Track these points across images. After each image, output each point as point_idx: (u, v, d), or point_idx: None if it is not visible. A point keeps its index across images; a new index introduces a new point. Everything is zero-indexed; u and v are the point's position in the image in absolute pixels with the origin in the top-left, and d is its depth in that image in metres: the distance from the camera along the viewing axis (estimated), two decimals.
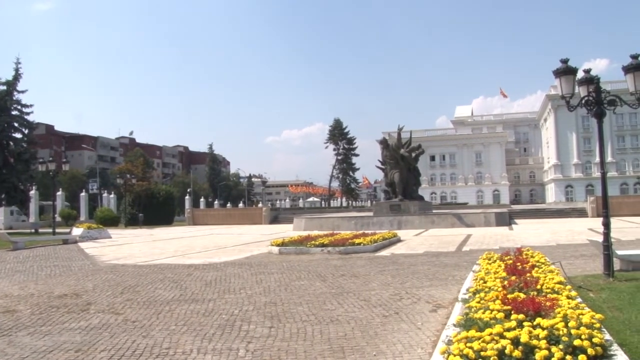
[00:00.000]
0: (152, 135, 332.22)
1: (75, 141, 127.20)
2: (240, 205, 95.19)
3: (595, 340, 4.50)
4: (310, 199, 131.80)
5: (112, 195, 69.83)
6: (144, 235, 36.53)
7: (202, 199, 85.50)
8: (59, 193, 61.89)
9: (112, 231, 36.99)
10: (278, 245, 20.04)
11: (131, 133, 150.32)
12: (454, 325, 5.82)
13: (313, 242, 20.14)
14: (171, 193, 64.05)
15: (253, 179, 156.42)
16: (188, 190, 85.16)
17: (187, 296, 10.70)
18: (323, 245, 19.56)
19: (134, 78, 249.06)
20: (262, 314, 8.75)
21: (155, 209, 57.09)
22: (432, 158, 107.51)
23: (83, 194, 65.75)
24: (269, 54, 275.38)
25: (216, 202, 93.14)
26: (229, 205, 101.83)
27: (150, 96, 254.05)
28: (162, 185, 76.46)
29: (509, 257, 10.19)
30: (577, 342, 4.44)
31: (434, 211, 42.48)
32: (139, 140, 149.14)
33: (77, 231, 31.78)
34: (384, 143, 41.69)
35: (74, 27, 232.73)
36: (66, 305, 9.94)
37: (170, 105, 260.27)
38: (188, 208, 64.64)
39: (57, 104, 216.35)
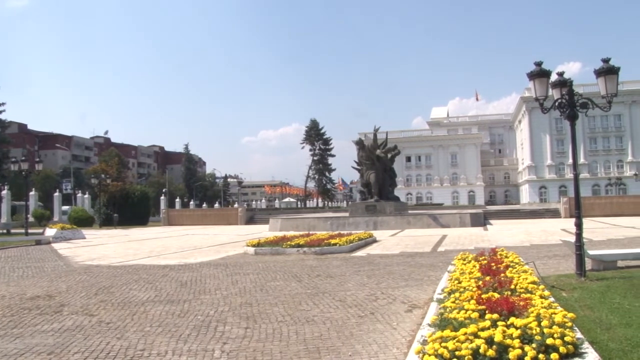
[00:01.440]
0: (128, 135, 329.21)
1: (49, 140, 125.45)
2: (216, 205, 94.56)
3: (567, 338, 4.58)
4: (286, 200, 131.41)
5: (86, 196, 68.97)
6: (119, 235, 36.19)
7: (177, 199, 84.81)
8: (32, 193, 60.98)
9: (86, 232, 36.57)
10: (254, 245, 19.98)
11: (106, 133, 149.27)
12: (429, 325, 5.85)
13: (289, 242, 20.11)
14: (146, 193, 63.51)
15: (229, 179, 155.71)
16: (163, 190, 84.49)
17: (162, 297, 10.63)
18: (299, 245, 19.54)
19: (109, 77, 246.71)
20: (238, 315, 8.73)
21: (130, 209, 56.61)
22: (408, 159, 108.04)
23: (57, 194, 64.80)
24: (245, 54, 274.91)
25: (192, 202, 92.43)
26: (204, 205, 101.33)
27: (126, 95, 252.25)
28: (137, 186, 75.76)
29: (483, 257, 10.28)
30: (549, 341, 4.52)
31: (409, 212, 42.70)
32: (114, 140, 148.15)
33: (50, 232, 31.35)
34: (360, 144, 41.80)
35: (49, 25, 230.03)
36: (39, 307, 9.81)
37: (146, 104, 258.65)
38: (163, 208, 64.08)
39: (31, 102, 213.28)
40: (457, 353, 4.45)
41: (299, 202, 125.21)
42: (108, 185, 57.05)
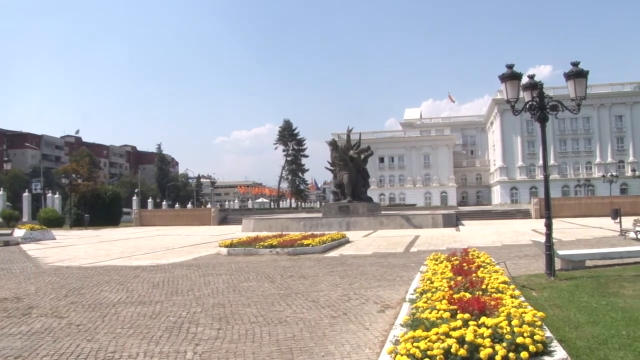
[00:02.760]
0: (99, 135, 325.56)
1: (18, 139, 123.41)
2: (189, 206, 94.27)
3: (536, 337, 4.65)
4: (260, 200, 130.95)
5: (56, 196, 68.04)
6: (90, 236, 35.78)
7: (150, 200, 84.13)
8: (0, 193, 60.13)
9: (56, 232, 36.08)
10: (226, 246, 19.92)
11: (77, 132, 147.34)
12: (401, 325, 5.89)
13: (262, 243, 20.11)
14: (118, 193, 62.82)
15: (202, 180, 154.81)
16: (136, 190, 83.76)
17: (134, 298, 10.54)
18: (272, 246, 19.54)
19: (81, 76, 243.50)
20: (210, 316, 8.69)
21: (101, 210, 55.90)
22: (381, 160, 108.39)
23: (26, 194, 63.94)
24: (218, 54, 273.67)
25: (164, 202, 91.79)
26: (177, 206, 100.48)
27: (97, 95, 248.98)
28: (108, 186, 74.95)
29: (455, 257, 10.37)
30: (519, 340, 4.58)
31: (382, 212, 42.85)
32: (85, 139, 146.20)
33: (19, 232, 30.87)
34: (333, 144, 41.87)
35: (16, 21, 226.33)
36: (6, 310, 9.65)
37: (119, 104, 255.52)
38: (135, 209, 63.58)
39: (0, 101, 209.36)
40: (429, 353, 4.49)
41: (272, 203, 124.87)
42: (79, 185, 56.27)
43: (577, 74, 11.44)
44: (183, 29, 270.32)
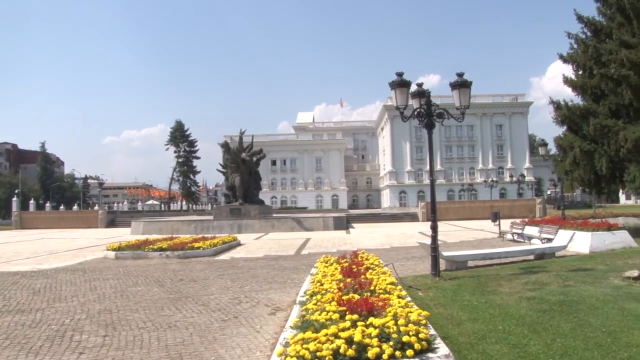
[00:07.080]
0: None
1: None
2: (75, 207, 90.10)
3: (421, 335, 4.85)
4: (150, 202, 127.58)
5: None
6: None
7: (32, 201, 79.92)
8: None
9: None
10: (114, 249, 19.37)
11: None
12: (292, 327, 5.95)
13: (151, 246, 19.69)
14: None
15: (89, 181, 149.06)
16: (16, 191, 79.40)
17: (12, 306, 9.99)
18: (161, 249, 19.18)
19: None
20: (96, 323, 8.40)
21: None
22: (274, 163, 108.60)
23: None
24: (106, 51, 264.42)
25: (48, 204, 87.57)
26: (62, 207, 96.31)
27: None
28: None
29: (345, 260, 10.58)
30: (405, 339, 4.76)
31: (274, 215, 43.05)
32: None
33: None
34: (225, 146, 41.56)
35: None
36: None
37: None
38: (15, 210, 60.25)
39: None
40: (318, 354, 4.57)
41: (162, 205, 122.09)
42: None
43: (461, 84, 12.02)
44: (71, 22, 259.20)
